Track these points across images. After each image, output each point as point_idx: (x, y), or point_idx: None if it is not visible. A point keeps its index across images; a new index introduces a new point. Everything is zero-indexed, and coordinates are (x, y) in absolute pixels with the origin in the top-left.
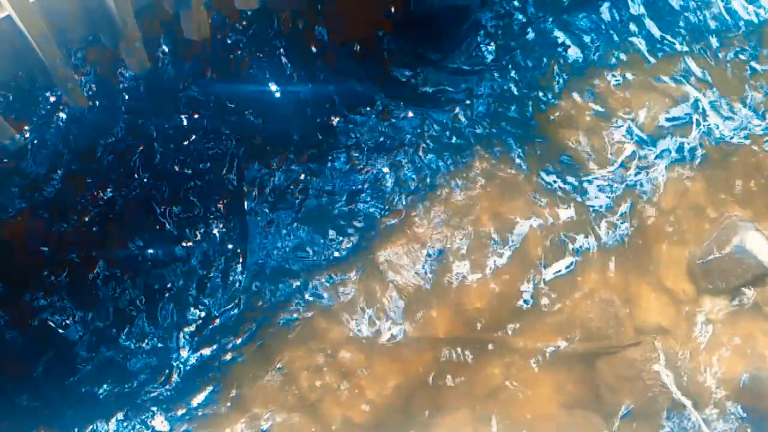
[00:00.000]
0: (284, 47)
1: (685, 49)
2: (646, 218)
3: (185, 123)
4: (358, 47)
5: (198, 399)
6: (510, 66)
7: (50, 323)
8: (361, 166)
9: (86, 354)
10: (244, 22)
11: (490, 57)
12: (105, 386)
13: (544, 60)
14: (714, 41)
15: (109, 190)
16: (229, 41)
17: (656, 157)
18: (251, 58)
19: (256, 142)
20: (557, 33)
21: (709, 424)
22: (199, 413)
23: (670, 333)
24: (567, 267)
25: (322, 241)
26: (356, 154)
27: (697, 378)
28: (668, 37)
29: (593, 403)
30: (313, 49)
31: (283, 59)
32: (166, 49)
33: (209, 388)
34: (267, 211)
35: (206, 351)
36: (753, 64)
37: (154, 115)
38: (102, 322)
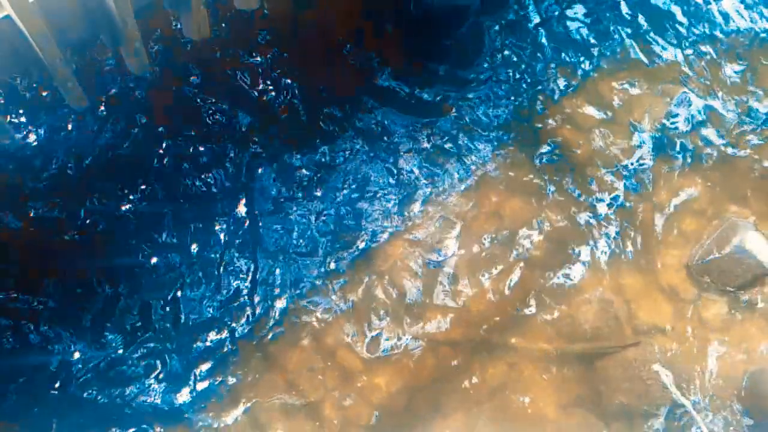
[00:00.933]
0: (282, 49)
1: (685, 52)
2: (646, 218)
3: (185, 123)
4: (358, 50)
5: (197, 399)
6: (510, 68)
7: (47, 324)
8: (361, 171)
9: (83, 355)
10: (244, 23)
11: (490, 59)
12: (102, 388)
13: (545, 62)
14: (713, 44)
15: (109, 189)
16: (228, 42)
17: (656, 158)
18: (250, 60)
19: (253, 145)
20: (558, 36)
21: (708, 424)
22: (199, 412)
23: (669, 333)
24: (567, 268)
25: (322, 243)
26: (356, 159)
27: (696, 378)
28: (668, 40)
29: (593, 403)
30: (312, 52)
31: (282, 62)
32: (167, 49)
33: (209, 388)
34: (269, 213)
35: (206, 351)
36: (751, 66)
37: (154, 116)
38: (99, 322)
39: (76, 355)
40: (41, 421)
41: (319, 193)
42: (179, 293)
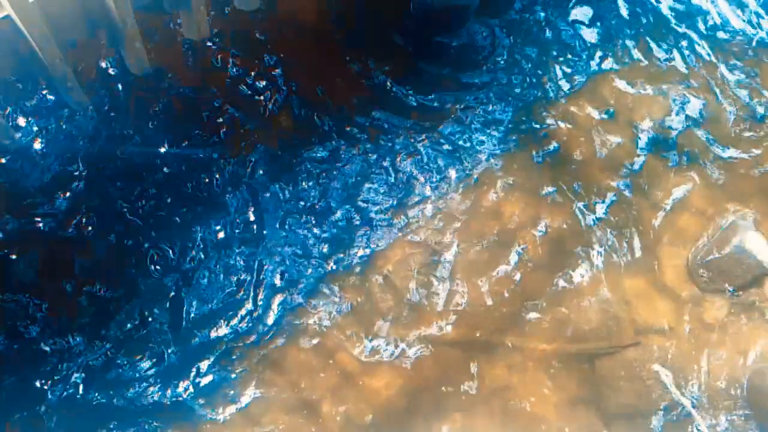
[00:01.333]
0: (282, 49)
1: (685, 52)
2: (646, 218)
3: (185, 123)
4: (358, 50)
5: (197, 396)
6: (510, 68)
7: (45, 323)
8: (361, 171)
9: (82, 353)
10: (244, 23)
11: (489, 60)
12: (101, 386)
13: (545, 62)
14: (713, 44)
15: (109, 189)
16: (228, 42)
17: (656, 158)
18: (250, 60)
19: (253, 145)
20: (558, 36)
21: (708, 425)
22: (199, 410)
23: (669, 333)
24: (567, 268)
25: (323, 244)
26: (356, 159)
27: (696, 378)
28: (668, 40)
29: (593, 403)
30: (311, 52)
31: (281, 62)
32: (166, 50)
33: (209, 386)
34: (269, 214)
35: (206, 349)
36: (750, 65)
37: (154, 116)
38: (99, 320)
39: (75, 353)
40: (41, 419)
41: (319, 194)
42: (179, 293)
